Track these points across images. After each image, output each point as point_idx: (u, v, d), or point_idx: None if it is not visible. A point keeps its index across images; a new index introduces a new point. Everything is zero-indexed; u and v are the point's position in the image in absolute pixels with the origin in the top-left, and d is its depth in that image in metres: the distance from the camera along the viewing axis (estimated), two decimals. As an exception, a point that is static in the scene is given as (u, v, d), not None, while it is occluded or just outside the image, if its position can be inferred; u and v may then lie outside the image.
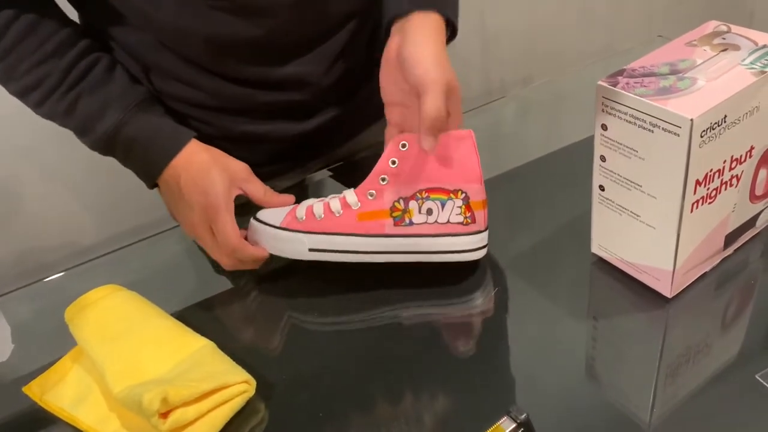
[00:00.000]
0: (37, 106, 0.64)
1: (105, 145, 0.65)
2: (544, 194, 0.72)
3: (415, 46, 0.57)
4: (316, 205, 0.62)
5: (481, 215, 0.60)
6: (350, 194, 0.61)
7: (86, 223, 1.27)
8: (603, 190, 0.56)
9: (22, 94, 0.64)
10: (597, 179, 0.56)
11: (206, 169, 0.62)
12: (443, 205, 0.59)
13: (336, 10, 0.69)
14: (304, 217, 0.61)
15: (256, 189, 0.64)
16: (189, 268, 0.72)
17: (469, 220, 0.60)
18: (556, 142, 0.80)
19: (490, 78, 1.64)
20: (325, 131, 0.77)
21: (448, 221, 0.60)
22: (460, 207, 0.59)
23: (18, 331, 0.67)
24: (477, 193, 0.59)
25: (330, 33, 0.70)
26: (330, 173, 0.81)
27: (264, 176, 0.66)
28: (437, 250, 0.61)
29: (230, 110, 0.72)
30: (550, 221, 0.67)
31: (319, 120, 0.75)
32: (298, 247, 0.61)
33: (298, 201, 0.65)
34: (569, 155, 0.76)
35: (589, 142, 0.55)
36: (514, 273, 0.63)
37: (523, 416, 0.45)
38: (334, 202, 0.61)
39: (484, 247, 0.62)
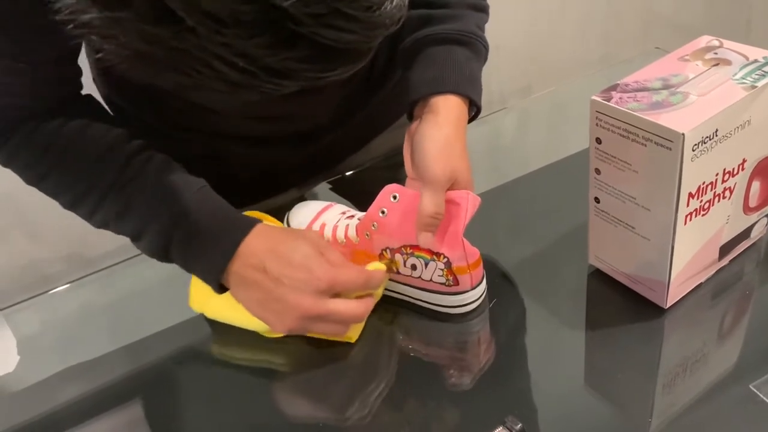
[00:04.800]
0: (91, 215, 0.59)
1: (161, 244, 0.57)
2: (543, 205, 0.73)
3: (424, 137, 0.57)
4: (337, 226, 0.63)
5: (465, 278, 0.58)
6: (353, 228, 0.62)
7: (91, 235, 1.28)
8: (598, 202, 0.57)
9: (76, 203, 0.59)
10: (592, 191, 0.57)
11: (290, 243, 0.55)
12: (426, 264, 0.58)
13: None
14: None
15: (336, 257, 0.57)
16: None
17: (451, 283, 0.58)
18: (556, 153, 0.80)
19: (490, 89, 1.64)
20: (328, 152, 0.78)
21: (431, 280, 0.59)
22: (442, 270, 0.58)
23: (23, 343, 0.68)
24: (459, 259, 0.57)
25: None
26: (330, 186, 0.82)
27: (267, 194, 0.67)
28: (421, 299, 0.61)
29: (235, 138, 0.73)
30: (548, 232, 0.68)
31: (321, 144, 0.76)
32: None
33: None
34: (568, 166, 0.77)
35: (588, 153, 0.55)
36: (511, 283, 0.64)
37: (518, 427, 0.45)
38: (340, 231, 0.62)
39: (470, 303, 0.60)
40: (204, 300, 0.63)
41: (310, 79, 0.37)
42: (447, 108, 0.59)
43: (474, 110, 0.62)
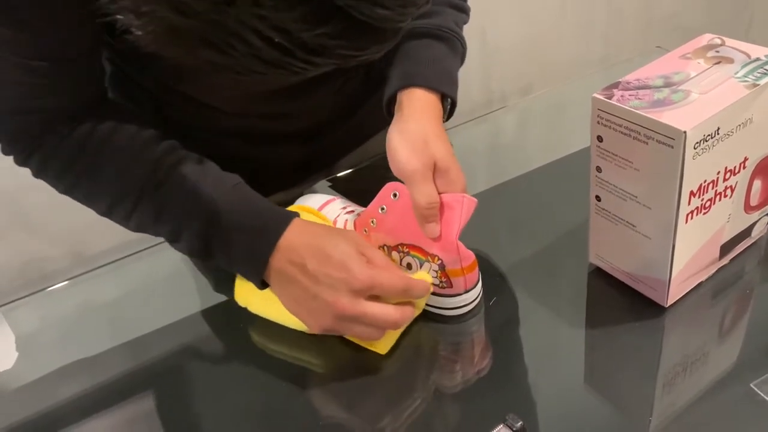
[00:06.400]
0: (127, 219, 0.58)
1: (201, 244, 0.57)
2: (544, 203, 0.73)
3: (391, 134, 0.58)
4: (336, 221, 0.63)
5: (459, 281, 0.57)
6: (351, 223, 0.62)
7: (90, 232, 1.29)
8: (599, 200, 0.57)
9: (110, 209, 0.58)
10: (593, 190, 0.57)
11: (330, 240, 0.54)
12: (421, 265, 0.58)
13: None
14: None
15: (380, 258, 0.55)
16: (193, 276, 0.73)
17: (445, 285, 0.58)
18: (556, 152, 0.80)
19: (491, 88, 1.65)
20: (327, 150, 0.78)
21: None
22: (436, 271, 0.57)
23: (22, 340, 0.68)
24: (453, 262, 0.56)
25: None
26: (329, 183, 0.82)
27: (265, 192, 0.66)
28: None
29: (235, 135, 0.73)
30: (548, 230, 0.68)
31: (320, 142, 0.76)
32: None
33: None
34: (569, 165, 0.77)
35: (588, 151, 0.55)
36: (511, 282, 0.64)
37: (519, 424, 0.45)
38: (339, 226, 0.62)
39: (464, 306, 0.59)
40: (248, 295, 0.63)
41: (343, 57, 0.37)
42: (410, 101, 0.60)
43: (449, 103, 0.62)
